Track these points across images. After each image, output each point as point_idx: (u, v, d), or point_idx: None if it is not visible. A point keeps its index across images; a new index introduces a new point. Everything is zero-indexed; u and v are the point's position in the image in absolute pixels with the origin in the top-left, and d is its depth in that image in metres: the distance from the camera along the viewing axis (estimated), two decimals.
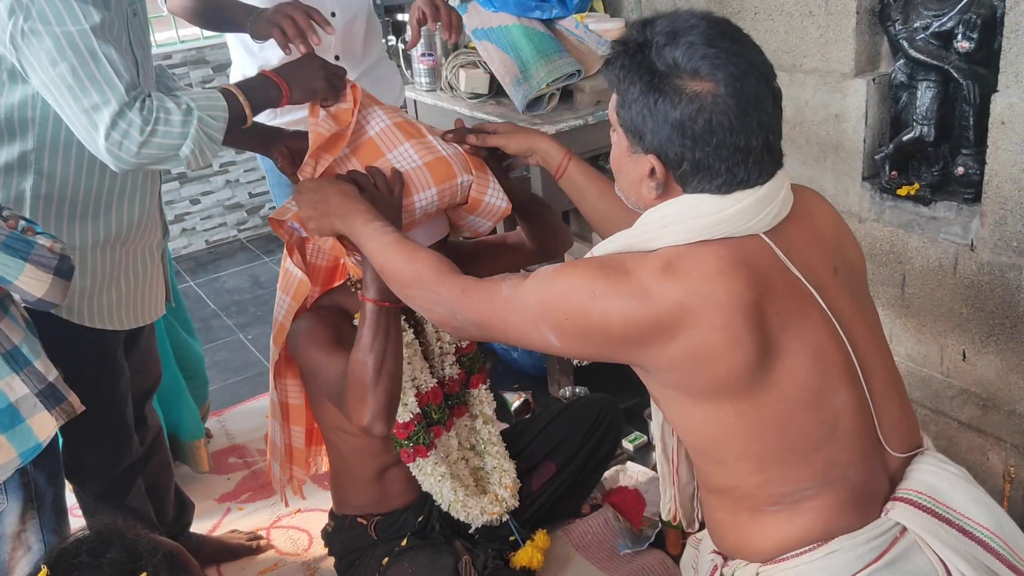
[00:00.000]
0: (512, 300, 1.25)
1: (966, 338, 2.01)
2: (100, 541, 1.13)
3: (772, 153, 1.18)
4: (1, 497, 1.45)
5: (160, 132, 1.41)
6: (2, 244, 1.29)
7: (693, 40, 1.13)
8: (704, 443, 1.26)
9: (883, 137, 2.10)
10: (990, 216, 1.86)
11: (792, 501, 1.21)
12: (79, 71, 1.36)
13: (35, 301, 1.35)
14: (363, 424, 1.52)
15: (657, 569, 1.99)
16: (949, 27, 1.88)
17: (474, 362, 1.96)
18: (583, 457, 2.05)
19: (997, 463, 2.01)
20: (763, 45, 2.20)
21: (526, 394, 2.68)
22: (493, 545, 1.88)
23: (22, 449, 1.42)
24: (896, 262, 2.11)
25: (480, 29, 2.60)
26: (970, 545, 1.18)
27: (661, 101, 1.14)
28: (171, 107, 1.42)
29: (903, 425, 1.28)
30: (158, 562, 1.13)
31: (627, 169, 1.24)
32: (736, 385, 1.16)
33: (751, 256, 1.17)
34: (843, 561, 1.18)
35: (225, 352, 3.32)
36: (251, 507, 2.42)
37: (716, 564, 1.34)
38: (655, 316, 1.14)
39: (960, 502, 1.21)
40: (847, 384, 1.21)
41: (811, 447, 1.19)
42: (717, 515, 1.32)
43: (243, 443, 2.71)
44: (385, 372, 1.51)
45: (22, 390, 1.41)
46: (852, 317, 1.24)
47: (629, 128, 1.20)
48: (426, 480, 1.82)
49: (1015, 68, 1.75)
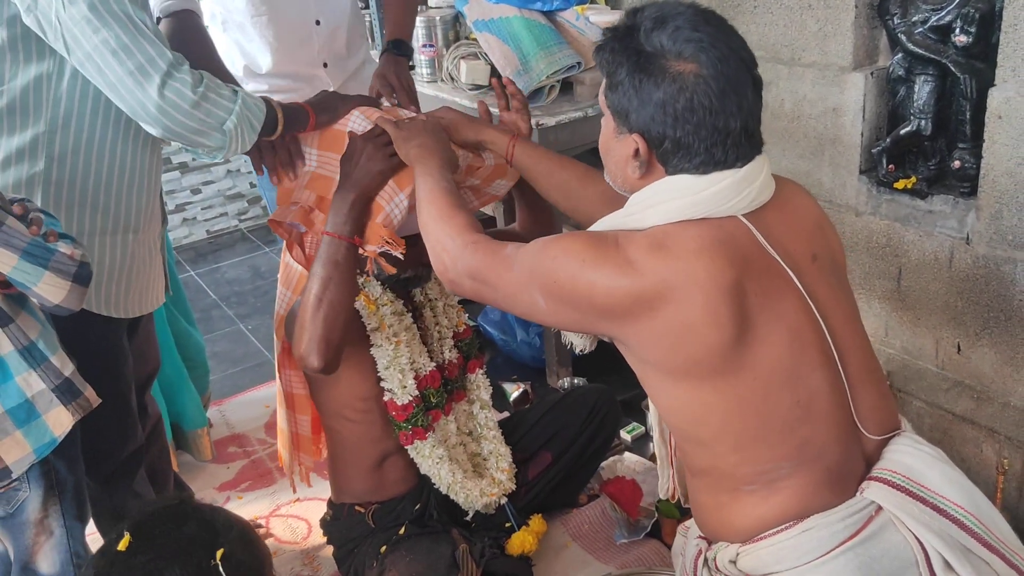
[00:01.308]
0: (511, 258, 1.31)
1: (961, 331, 2.02)
2: (180, 513, 1.16)
3: (751, 138, 1.23)
4: (23, 485, 1.46)
5: (212, 99, 1.45)
6: (23, 251, 1.31)
7: (679, 24, 1.19)
8: (684, 422, 1.30)
9: (880, 131, 2.11)
10: (986, 210, 1.87)
11: (768, 480, 1.24)
12: (122, 36, 1.39)
13: (52, 307, 1.38)
14: (300, 352, 1.56)
15: (653, 558, 2.01)
16: (947, 21, 1.89)
17: (471, 347, 1.99)
18: (579, 447, 2.07)
19: (991, 455, 2.02)
20: (762, 38, 2.20)
21: (525, 385, 2.69)
22: (490, 533, 1.90)
23: (37, 445, 1.43)
24: (892, 255, 2.12)
25: (481, 20, 2.60)
26: (945, 523, 1.21)
27: (646, 81, 1.19)
28: (219, 82, 1.46)
29: (880, 409, 1.30)
30: (234, 539, 1.16)
31: (613, 150, 1.30)
32: (713, 363, 1.19)
33: (731, 237, 1.21)
34: (818, 538, 1.21)
35: (225, 342, 3.34)
36: (251, 496, 2.44)
37: (700, 548, 1.37)
38: (639, 290, 1.18)
39: (935, 481, 1.23)
40: (822, 365, 1.24)
41: (786, 426, 1.22)
42: (700, 498, 1.35)
43: (243, 432, 2.73)
44: (326, 301, 1.55)
45: (39, 385, 1.43)
46: (829, 302, 1.27)
47: (616, 109, 1.26)
48: (424, 463, 1.84)
49: (1012, 63, 1.75)
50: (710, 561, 1.34)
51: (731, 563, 1.28)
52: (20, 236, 1.32)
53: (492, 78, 1.82)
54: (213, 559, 1.14)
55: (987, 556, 1.20)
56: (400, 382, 1.78)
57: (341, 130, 1.71)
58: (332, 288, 1.55)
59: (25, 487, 1.46)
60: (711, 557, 1.33)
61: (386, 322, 1.78)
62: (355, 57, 2.38)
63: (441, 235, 1.41)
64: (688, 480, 1.40)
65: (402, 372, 1.78)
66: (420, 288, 1.93)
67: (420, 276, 1.84)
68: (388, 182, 1.63)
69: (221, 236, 4.33)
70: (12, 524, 1.48)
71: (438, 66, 2.79)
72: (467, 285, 1.38)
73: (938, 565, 1.19)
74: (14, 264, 1.31)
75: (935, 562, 1.19)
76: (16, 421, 1.41)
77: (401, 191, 1.62)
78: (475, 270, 1.35)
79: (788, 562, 1.22)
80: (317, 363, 1.56)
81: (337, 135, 1.71)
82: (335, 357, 1.59)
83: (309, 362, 1.56)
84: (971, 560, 1.20)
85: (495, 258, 1.33)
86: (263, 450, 2.63)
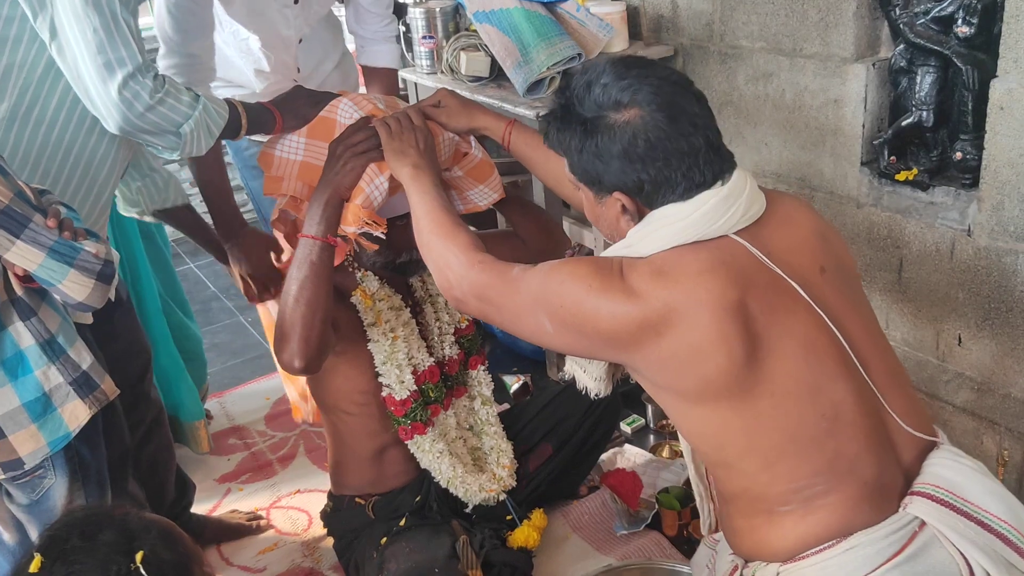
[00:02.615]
0: (519, 281, 1.31)
1: (962, 323, 2.02)
2: (90, 523, 1.12)
3: (718, 151, 1.24)
4: (48, 472, 1.47)
5: (168, 104, 1.52)
6: (51, 249, 1.33)
7: (606, 81, 1.24)
8: (709, 447, 1.29)
9: (882, 122, 2.11)
10: (987, 201, 1.87)
11: (804, 498, 1.22)
12: (100, 30, 1.46)
13: (75, 304, 1.39)
14: (279, 351, 1.58)
15: (653, 549, 2.01)
16: (949, 12, 1.88)
17: (472, 343, 1.99)
18: (579, 438, 2.07)
19: (991, 447, 2.02)
20: (763, 29, 2.19)
21: (525, 377, 2.69)
22: (490, 525, 1.90)
23: (52, 438, 1.44)
24: (894, 247, 2.11)
25: (481, 12, 2.59)
26: (989, 538, 1.19)
27: (600, 141, 1.23)
28: (182, 88, 1.53)
29: (911, 413, 1.29)
30: (153, 539, 1.12)
31: (602, 216, 1.32)
32: (727, 382, 1.19)
33: (731, 257, 1.22)
34: (863, 556, 1.19)
35: (225, 334, 3.33)
36: (251, 487, 2.44)
37: (737, 564, 1.34)
38: (643, 316, 1.19)
39: (976, 495, 1.22)
40: (843, 376, 1.22)
41: (814, 440, 1.21)
42: (735, 523, 1.33)
43: (243, 424, 2.73)
44: (303, 301, 1.56)
45: (57, 379, 1.44)
46: (843, 312, 1.26)
47: (587, 180, 1.29)
48: (424, 457, 1.84)
49: (1014, 54, 1.75)
50: None
51: None
52: (47, 234, 1.33)
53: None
54: (133, 563, 1.10)
55: None
56: (398, 377, 1.78)
57: (331, 118, 1.70)
58: (308, 288, 1.56)
59: (51, 474, 1.46)
60: (749, 575, 1.31)
61: (383, 317, 1.78)
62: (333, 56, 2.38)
63: (445, 252, 1.40)
64: (721, 508, 1.39)
65: (399, 367, 1.78)
66: (421, 282, 1.92)
67: (416, 261, 1.83)
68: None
69: None
70: (38, 511, 1.48)
71: (438, 58, 2.78)
72: (472, 305, 1.39)
73: None
74: (40, 262, 1.33)
75: None
76: (32, 415, 1.41)
77: (381, 173, 1.61)
78: (481, 290, 1.35)
79: None
80: (298, 363, 1.57)
81: (327, 123, 1.70)
82: (317, 356, 1.59)
83: (290, 362, 1.57)
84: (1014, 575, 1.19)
85: (502, 279, 1.33)
86: (263, 442, 2.63)
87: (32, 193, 1.36)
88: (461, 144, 1.74)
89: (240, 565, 2.16)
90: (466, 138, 1.74)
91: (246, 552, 2.20)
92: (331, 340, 1.65)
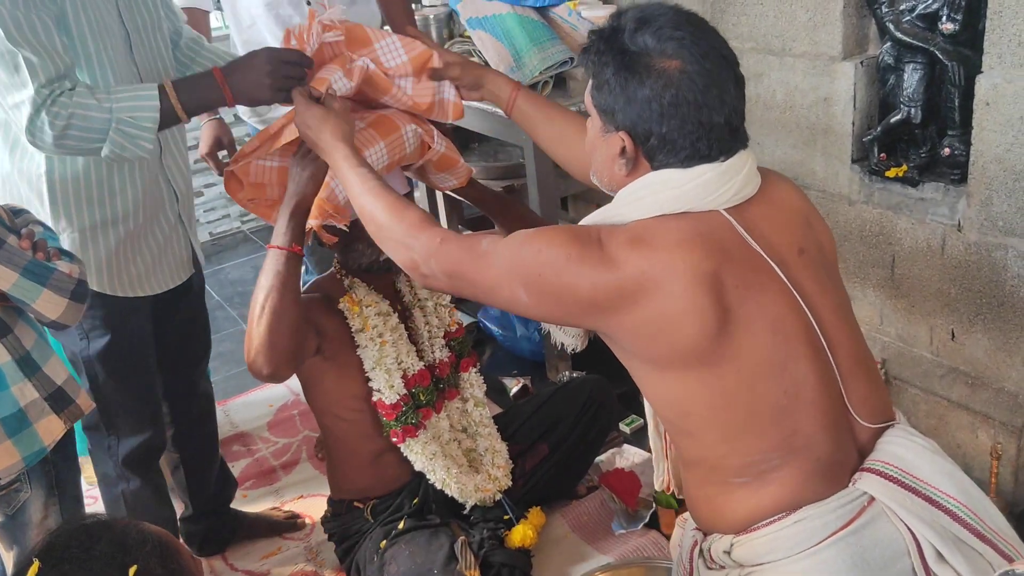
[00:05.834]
0: (490, 254, 1.31)
1: (955, 318, 2.03)
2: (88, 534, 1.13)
3: (734, 132, 1.25)
4: (24, 486, 1.49)
5: (73, 135, 1.49)
6: (24, 269, 1.36)
7: (662, 24, 1.22)
8: (672, 414, 1.31)
9: (871, 120, 2.12)
10: (976, 196, 1.88)
11: (758, 472, 1.25)
12: (1, 74, 1.46)
13: (48, 322, 1.42)
14: (249, 358, 1.59)
15: (651, 549, 2.02)
16: (934, 9, 1.90)
17: (463, 346, 2.01)
18: (575, 438, 2.08)
19: (986, 440, 2.03)
20: (752, 29, 2.20)
21: (525, 379, 2.71)
22: (488, 525, 1.92)
23: (26, 453, 1.46)
24: (886, 243, 2.12)
25: (474, 18, 2.61)
26: (937, 514, 1.21)
27: (632, 79, 1.22)
28: (92, 112, 1.48)
29: (872, 399, 1.31)
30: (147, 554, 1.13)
31: (600, 149, 1.31)
32: (696, 353, 1.21)
33: (711, 230, 1.23)
34: (810, 528, 1.22)
35: (229, 343, 3.36)
36: (255, 493, 2.47)
37: (696, 539, 1.38)
38: (620, 284, 1.20)
39: (927, 472, 1.24)
40: (808, 356, 1.24)
41: (773, 416, 1.23)
42: (693, 491, 1.36)
43: (247, 431, 2.76)
44: (269, 308, 1.57)
45: (32, 395, 1.46)
46: (816, 294, 1.27)
47: (602, 108, 1.27)
48: (417, 460, 1.86)
49: (999, 49, 1.76)
50: (705, 552, 1.35)
51: (725, 553, 1.30)
52: (20, 255, 1.36)
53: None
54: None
55: (980, 546, 1.21)
56: (387, 381, 1.80)
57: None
58: (273, 296, 1.57)
59: (26, 488, 1.48)
60: (706, 548, 1.34)
61: (370, 323, 1.80)
62: None
63: (400, 233, 1.38)
64: (682, 473, 1.42)
65: (388, 372, 1.80)
66: (409, 287, 1.94)
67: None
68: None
69: (224, 238, 4.36)
70: (14, 526, 1.50)
71: None
72: (442, 281, 1.37)
73: (930, 556, 1.20)
74: (14, 281, 1.35)
75: (927, 553, 1.20)
76: (8, 430, 1.43)
77: None
78: (452, 267, 1.34)
79: (781, 552, 1.23)
80: (265, 369, 1.58)
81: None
82: (285, 363, 1.60)
83: (258, 369, 1.59)
84: (963, 550, 1.20)
85: (471, 253, 1.32)
86: (267, 448, 2.66)
87: (6, 214, 1.38)
88: (426, 136, 1.74)
89: (244, 570, 2.18)
90: (429, 132, 1.75)
91: (250, 556, 2.22)
92: (304, 347, 1.68)
